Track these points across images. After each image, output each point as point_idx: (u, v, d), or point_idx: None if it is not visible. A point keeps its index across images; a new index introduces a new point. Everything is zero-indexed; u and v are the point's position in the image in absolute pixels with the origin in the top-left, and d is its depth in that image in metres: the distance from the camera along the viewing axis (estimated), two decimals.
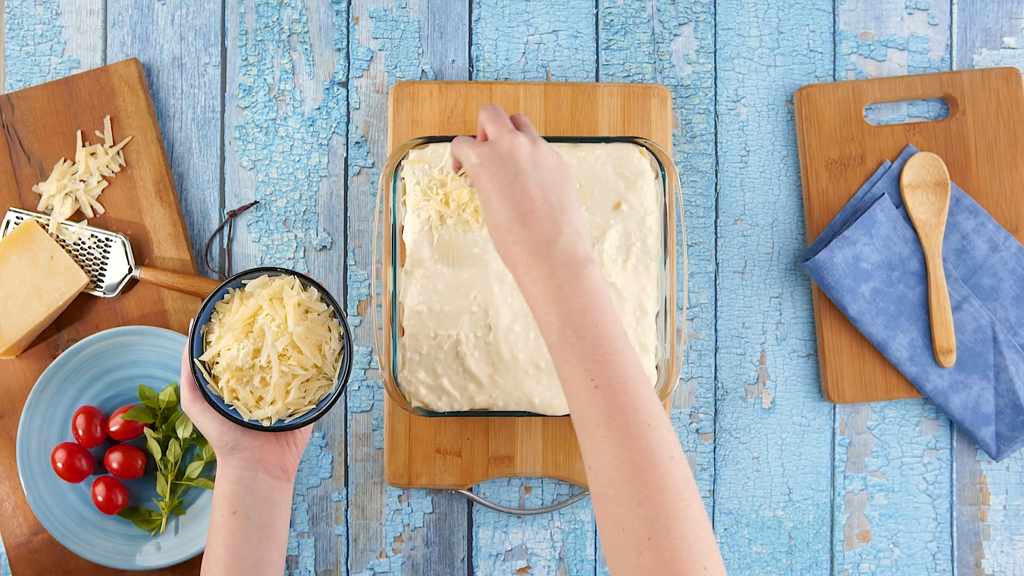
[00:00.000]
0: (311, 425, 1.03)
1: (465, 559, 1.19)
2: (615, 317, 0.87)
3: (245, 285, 0.99)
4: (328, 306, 0.99)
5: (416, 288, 1.11)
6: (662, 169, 1.12)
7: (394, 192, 1.12)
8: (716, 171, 1.20)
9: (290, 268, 1.07)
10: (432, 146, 1.12)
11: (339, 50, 1.20)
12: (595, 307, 0.86)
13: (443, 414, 1.11)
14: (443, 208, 1.11)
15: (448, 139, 1.11)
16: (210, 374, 0.98)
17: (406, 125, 1.17)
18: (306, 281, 0.99)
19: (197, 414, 0.98)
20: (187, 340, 0.96)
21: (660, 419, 0.83)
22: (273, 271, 0.99)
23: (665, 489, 0.80)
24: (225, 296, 0.99)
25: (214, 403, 0.96)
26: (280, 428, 0.97)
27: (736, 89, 1.20)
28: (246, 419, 0.97)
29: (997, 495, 1.19)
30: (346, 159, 1.20)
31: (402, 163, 1.12)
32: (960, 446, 1.19)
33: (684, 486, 0.80)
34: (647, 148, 1.12)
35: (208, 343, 0.98)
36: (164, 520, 1.13)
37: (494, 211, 0.91)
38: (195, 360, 0.97)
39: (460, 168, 1.02)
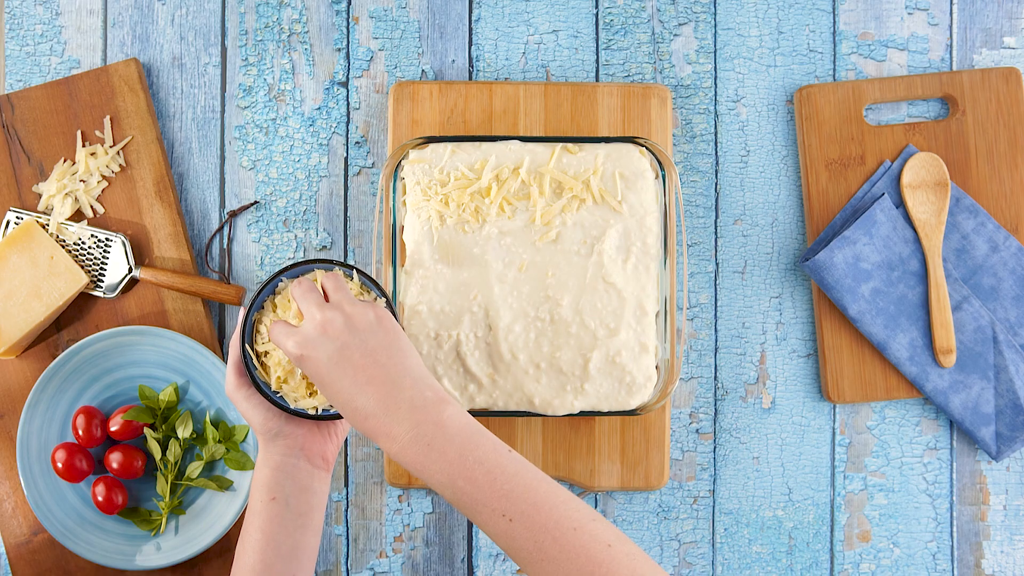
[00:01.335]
0: None
1: (465, 559, 1.19)
2: (493, 442, 0.87)
3: (298, 276, 0.99)
4: (379, 296, 0.99)
5: (416, 288, 1.11)
6: (662, 169, 1.12)
7: (394, 192, 1.12)
8: (716, 171, 1.20)
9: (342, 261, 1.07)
10: (432, 146, 1.12)
11: (339, 50, 1.20)
12: (472, 445, 0.87)
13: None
14: (443, 208, 1.11)
15: (448, 139, 1.11)
16: (258, 359, 0.98)
17: (406, 125, 1.17)
18: (361, 276, 0.99)
19: (242, 400, 0.98)
20: (238, 326, 0.97)
21: (581, 516, 0.85)
22: (327, 263, 0.99)
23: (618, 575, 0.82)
24: (279, 286, 0.99)
25: (261, 389, 0.96)
26: (325, 417, 0.97)
27: (736, 89, 1.20)
28: (292, 407, 0.97)
29: (997, 495, 1.19)
30: (346, 159, 1.20)
31: (402, 163, 1.12)
32: (960, 446, 1.19)
33: (634, 566, 0.82)
34: (647, 148, 1.12)
35: (259, 331, 0.99)
36: (164, 520, 1.13)
37: (332, 396, 0.90)
38: (246, 346, 0.97)
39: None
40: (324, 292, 0.95)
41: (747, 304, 1.20)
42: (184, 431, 1.13)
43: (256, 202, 1.19)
